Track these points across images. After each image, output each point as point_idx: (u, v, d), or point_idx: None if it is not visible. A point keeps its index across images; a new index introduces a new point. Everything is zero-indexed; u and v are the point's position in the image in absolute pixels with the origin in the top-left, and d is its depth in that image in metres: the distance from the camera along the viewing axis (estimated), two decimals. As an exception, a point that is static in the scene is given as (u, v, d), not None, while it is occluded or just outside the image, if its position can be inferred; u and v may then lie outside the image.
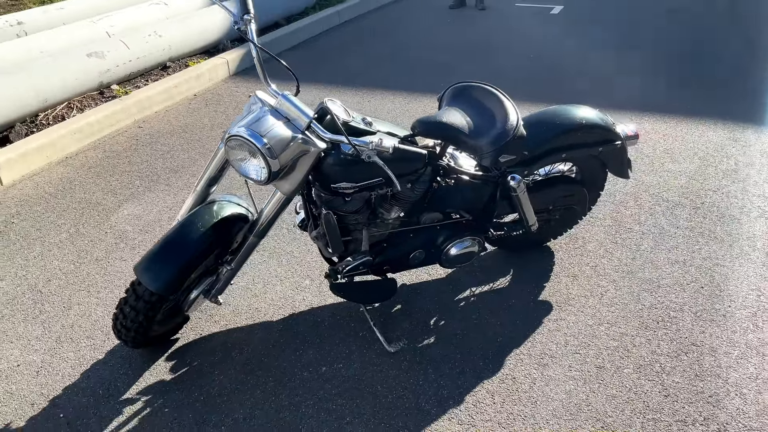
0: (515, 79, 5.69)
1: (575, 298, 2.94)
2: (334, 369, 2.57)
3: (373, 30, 7.41)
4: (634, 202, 3.69)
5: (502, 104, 2.64)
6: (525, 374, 2.54)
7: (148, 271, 2.30)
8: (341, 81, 5.73)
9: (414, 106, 5.16)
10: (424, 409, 2.39)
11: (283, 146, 2.22)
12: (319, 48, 6.79)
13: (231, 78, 5.94)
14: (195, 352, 2.67)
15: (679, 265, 3.14)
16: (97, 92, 5.17)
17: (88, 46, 5.13)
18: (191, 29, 6.01)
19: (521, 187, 2.72)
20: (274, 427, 2.32)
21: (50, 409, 2.41)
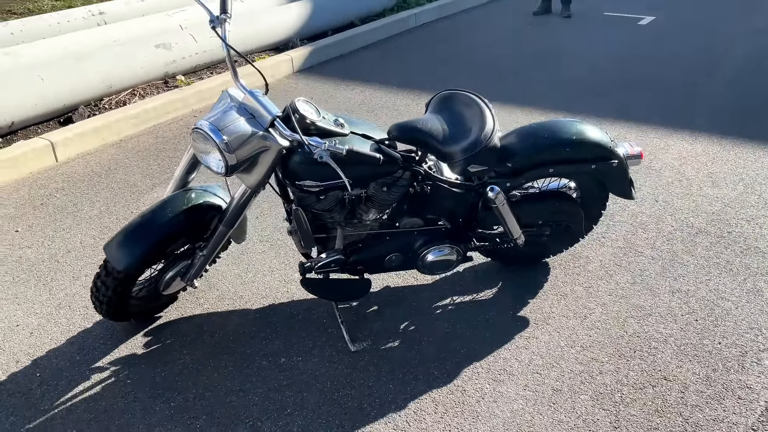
0: (576, 89, 5.54)
1: (556, 317, 2.87)
2: (293, 361, 2.65)
3: (447, 34, 7.41)
4: (655, 225, 3.52)
5: (481, 114, 2.63)
6: (477, 388, 2.51)
7: (116, 250, 2.46)
8: (397, 83, 5.79)
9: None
10: (364, 410, 2.41)
11: (241, 141, 2.32)
12: (386, 49, 6.88)
13: (293, 75, 6.13)
14: (171, 331, 2.82)
15: (679, 294, 2.99)
16: (162, 81, 5.50)
17: (158, 38, 5.46)
18: (260, 26, 6.25)
19: (500, 199, 2.68)
20: (219, 410, 2.42)
21: (30, 367, 2.63)
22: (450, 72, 6.11)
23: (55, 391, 2.51)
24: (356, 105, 5.31)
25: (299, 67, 6.26)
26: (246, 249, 3.36)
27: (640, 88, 5.54)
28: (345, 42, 6.85)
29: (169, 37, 5.52)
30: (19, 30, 5.30)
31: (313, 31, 6.89)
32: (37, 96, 4.56)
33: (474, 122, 2.62)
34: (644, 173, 4.07)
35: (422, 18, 7.98)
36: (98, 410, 2.42)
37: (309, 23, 6.78)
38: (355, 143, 2.50)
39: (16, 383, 2.55)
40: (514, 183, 2.75)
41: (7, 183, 4.13)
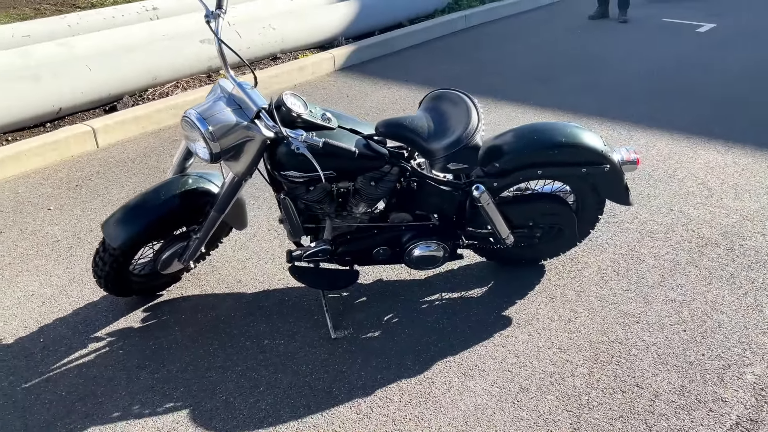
0: (615, 96, 5.47)
1: (539, 319, 2.88)
2: (275, 344, 2.76)
3: (495, 37, 7.40)
4: (663, 234, 3.47)
5: (467, 114, 2.67)
6: (445, 380, 2.56)
7: (111, 228, 2.65)
8: (434, 83, 5.84)
9: (495, 114, 5.15)
10: (332, 393, 2.50)
11: (225, 131, 2.45)
12: (431, 50, 6.93)
13: (335, 73, 6.27)
14: (169, 308, 2.98)
15: (673, 304, 2.95)
16: (206, 75, 5.74)
17: (204, 33, 5.70)
18: (306, 24, 6.43)
19: (484, 198, 2.72)
20: (197, 383, 2.56)
21: (36, 333, 2.84)
22: (489, 74, 6.12)
23: (53, 356, 2.71)
24: (388, 104, 5.40)
25: (341, 65, 6.39)
26: (253, 236, 3.50)
27: (683, 97, 5.42)
28: (389, 42, 6.94)
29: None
30: (76, 23, 5.64)
31: (360, 31, 7.02)
32: (83, 85, 4.86)
33: (458, 121, 2.66)
34: (665, 181, 4.00)
35: (472, 20, 7.99)
36: (88, 376, 2.60)
37: (356, 23, 6.92)
38: (340, 137, 2.60)
39: (21, 347, 2.76)
40: (502, 183, 2.78)
41: (49, 165, 4.42)
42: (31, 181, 4.21)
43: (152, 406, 2.45)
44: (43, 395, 2.51)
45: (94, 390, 2.53)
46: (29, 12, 6.63)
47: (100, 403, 2.47)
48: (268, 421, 2.38)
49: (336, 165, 2.57)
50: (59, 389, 2.54)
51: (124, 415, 2.41)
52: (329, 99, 5.53)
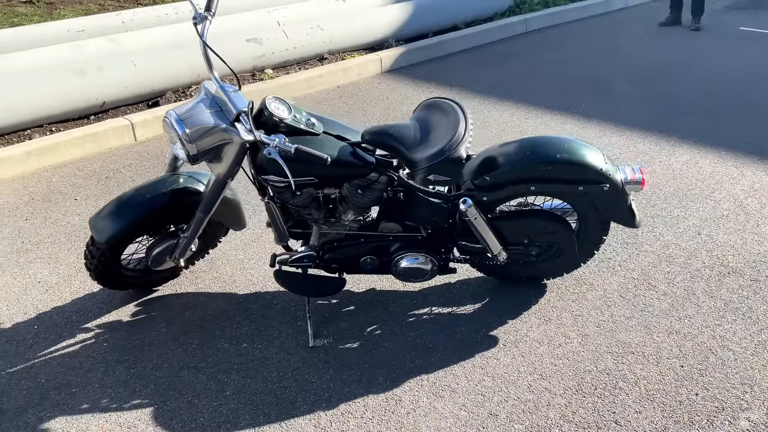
0: (670, 107, 5.21)
1: (527, 341, 2.75)
2: (252, 348, 2.76)
3: (556, 42, 7.18)
4: (684, 259, 3.25)
5: (454, 125, 2.59)
6: (413, 399, 2.48)
7: (98, 224, 2.71)
8: (479, 89, 5.73)
9: (532, 122, 5.00)
10: (295, 404, 2.47)
11: (201, 133, 2.46)
12: (484, 54, 6.79)
13: (381, 75, 6.24)
14: (160, 304, 3.03)
15: (676, 337, 2.76)
16: (250, 74, 5.82)
17: (251, 32, 5.79)
18: (356, 26, 6.42)
19: (471, 212, 2.62)
20: (168, 382, 2.58)
21: (33, 320, 2.94)
22: (537, 80, 5.94)
23: (42, 344, 2.80)
24: (425, 108, 5.30)
25: (388, 67, 6.35)
26: (258, 237, 3.52)
27: (742, 113, 5.08)
28: (441, 45, 6.84)
29: (261, 32, 5.83)
30: (130, 19, 5.84)
31: (412, 33, 6.95)
32: (128, 79, 5.02)
33: (444, 132, 2.58)
34: (699, 202, 3.76)
35: (533, 24, 7.78)
36: (69, 366, 2.67)
37: (408, 24, 6.85)
38: (324, 144, 2.56)
39: (15, 331, 2.87)
40: (492, 197, 2.67)
41: (86, 156, 4.59)
42: (66, 171, 4.38)
43: (120, 401, 2.49)
44: (23, 381, 2.59)
45: (70, 380, 2.59)
46: (93, 8, 6.92)
47: (73, 394, 2.53)
48: (226, 426, 2.37)
49: (317, 171, 2.53)
50: (39, 376, 2.61)
51: (91, 407, 2.46)
52: (369, 101, 5.50)
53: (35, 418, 2.42)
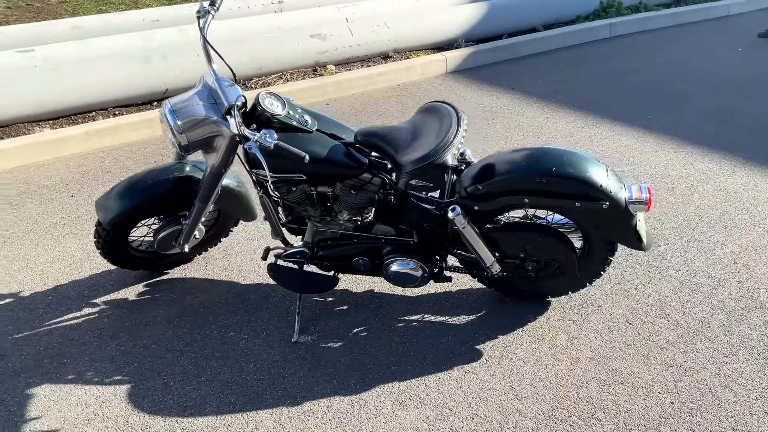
0: (734, 127, 4.86)
1: (512, 359, 2.65)
2: (238, 337, 2.81)
3: (637, 49, 6.85)
4: (709, 289, 3.03)
5: (446, 130, 2.53)
6: (378, 405, 2.45)
7: (101, 206, 2.84)
8: (542, 95, 5.56)
9: (587, 132, 4.81)
10: (262, 397, 2.50)
11: (192, 124, 2.53)
12: (559, 59, 6.58)
13: (444, 75, 6.17)
14: (166, 287, 3.14)
15: (675, 370, 2.58)
16: (312, 69, 5.91)
17: (317, 28, 5.88)
18: (424, 25, 6.38)
19: (459, 220, 2.56)
20: (151, 362, 2.68)
21: (50, 291, 3.13)
22: (609, 88, 5.69)
23: (52, 314, 2.97)
24: (481, 111, 5.22)
25: (453, 68, 6.27)
26: (274, 229, 3.57)
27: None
28: (514, 47, 6.68)
29: (326, 28, 5.90)
30: (204, 11, 6.07)
31: (486, 34, 6.83)
32: (191, 69, 5.23)
33: (434, 137, 2.52)
34: (745, 229, 3.48)
35: (618, 29, 7.46)
36: (68, 337, 2.82)
37: (481, 25, 6.74)
38: (316, 142, 2.57)
39: (31, 300, 3.06)
40: (484, 207, 2.59)
41: (141, 140, 4.82)
42: (119, 153, 4.61)
43: (103, 375, 2.60)
44: (24, 347, 2.76)
45: (65, 351, 2.74)
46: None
47: (64, 364, 2.67)
48: (191, 411, 2.43)
49: (305, 169, 2.54)
50: (40, 344, 2.78)
51: (76, 379, 2.59)
52: (425, 100, 5.43)
53: (24, 383, 2.57)
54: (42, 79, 4.75)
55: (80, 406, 2.46)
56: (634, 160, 4.32)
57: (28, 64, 4.77)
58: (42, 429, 2.36)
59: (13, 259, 3.36)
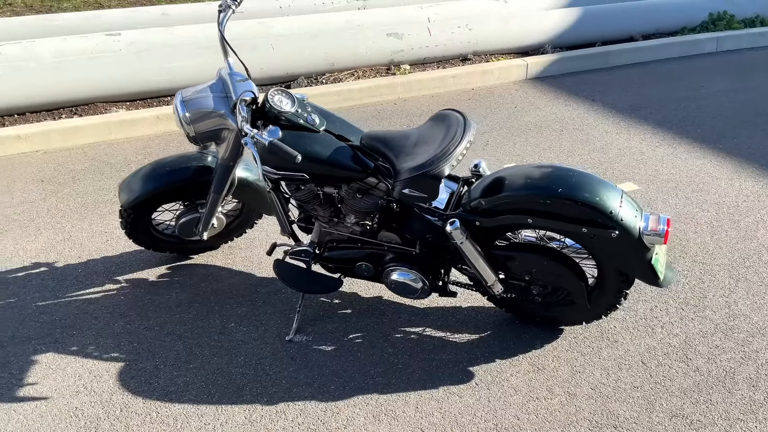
0: None
1: (504, 387, 2.52)
2: (237, 329, 2.84)
3: (743, 66, 6.36)
4: (746, 336, 2.76)
5: (448, 141, 2.44)
6: (351, 416, 2.40)
7: (122, 189, 2.96)
8: (622, 109, 5.28)
9: (660, 152, 4.52)
10: (241, 393, 2.51)
11: (200, 116, 2.57)
12: (652, 72, 6.21)
13: (523, 82, 5.98)
14: (187, 272, 3.23)
15: (679, 422, 2.36)
16: (386, 68, 5.89)
17: (394, 26, 5.86)
18: (509, 28, 6.20)
19: (458, 234, 2.46)
20: (149, 344, 2.76)
21: (81, 264, 3.29)
22: (698, 107, 5.31)
23: (77, 287, 3.12)
24: (551, 121, 5.01)
25: (534, 74, 6.06)
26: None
27: None
28: (606, 56, 6.37)
29: (404, 27, 5.86)
30: (288, 5, 6.19)
31: (576, 41, 6.56)
32: (263, 61, 5.35)
33: (435, 147, 2.43)
34: (808, 274, 3.13)
35: (726, 44, 6.93)
36: (83, 310, 2.96)
37: (572, 31, 6.48)
38: (322, 142, 2.54)
39: (63, 271, 3.24)
40: (486, 223, 2.48)
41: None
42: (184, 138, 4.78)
43: (103, 350, 2.71)
44: (43, 315, 2.92)
45: (76, 323, 2.87)
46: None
47: (72, 336, 2.80)
48: (171, 396, 2.48)
49: (309, 168, 2.52)
50: (57, 314, 2.93)
51: (78, 351, 2.71)
52: (495, 107, 5.30)
53: (32, 349, 2.71)
54: (124, 62, 5.01)
55: (73, 378, 2.56)
56: (703, 187, 3.99)
57: (114, 47, 5.04)
58: (33, 395, 2.47)
59: (60, 230, 3.56)
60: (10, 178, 4.16)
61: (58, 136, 4.60)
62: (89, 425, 2.35)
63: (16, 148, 4.51)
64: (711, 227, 3.54)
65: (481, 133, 4.79)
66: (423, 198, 2.40)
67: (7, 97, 4.68)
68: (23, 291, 3.05)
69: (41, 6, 6.84)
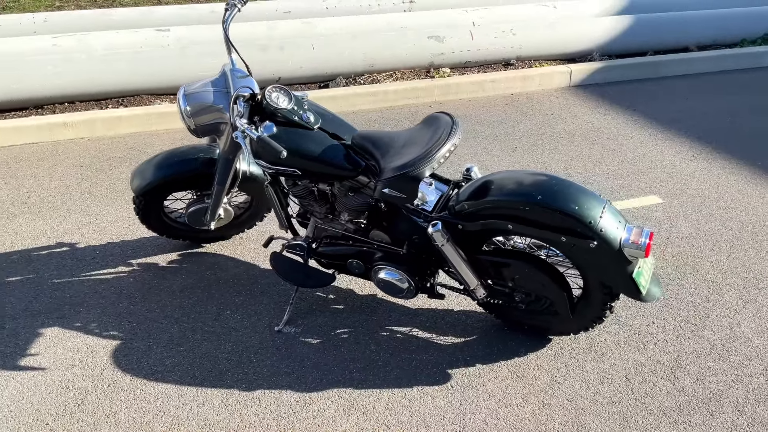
0: None
1: (478, 390, 2.53)
2: (231, 317, 2.94)
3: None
4: (742, 359, 2.67)
5: (431, 143, 2.46)
6: (321, 408, 2.46)
7: (134, 174, 3.10)
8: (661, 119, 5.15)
9: (691, 167, 4.40)
10: (223, 377, 2.60)
11: (199, 109, 2.69)
12: (704, 83, 6.02)
13: (565, 89, 5.90)
14: (195, 259, 3.36)
15: (652, 439, 2.31)
16: (425, 71, 5.92)
17: (437, 29, 5.88)
18: (555, 34, 6.12)
19: (438, 236, 2.48)
20: (147, 325, 2.88)
21: (101, 246, 3.47)
22: (742, 123, 5.12)
23: (93, 267, 3.29)
24: (586, 130, 4.94)
25: (578, 82, 5.97)
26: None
27: None
28: (655, 66, 6.21)
29: (446, 30, 5.87)
30: (334, 6, 6.30)
31: (626, 49, 6.42)
32: (304, 60, 5.48)
33: (418, 149, 2.46)
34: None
35: (791, 57, 6.62)
36: (93, 289, 3.12)
37: (622, 39, 6.34)
38: (314, 140, 2.61)
39: (83, 251, 3.42)
40: (468, 227, 2.49)
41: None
42: (219, 131, 4.95)
43: (104, 329, 2.86)
44: (56, 291, 3.10)
45: (85, 301, 3.04)
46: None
47: (78, 313, 2.96)
48: (156, 376, 2.60)
49: (300, 164, 2.59)
50: (69, 291, 3.10)
51: (80, 327, 2.86)
52: (530, 114, 5.26)
53: (40, 322, 2.89)
54: (170, 57, 5.22)
55: (71, 352, 2.71)
56: (731, 204, 3.86)
57: (162, 42, 5.26)
58: (32, 365, 2.64)
59: (87, 213, 3.76)
60: (53, 162, 4.41)
61: (101, 125, 4.84)
62: (77, 397, 2.49)
63: (63, 134, 4.77)
64: (730, 246, 3.42)
65: (510, 139, 4.76)
66: (402, 198, 2.43)
67: (59, 87, 4.95)
68: (43, 268, 3.24)
69: (104, 1, 7.19)
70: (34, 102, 4.97)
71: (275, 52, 5.41)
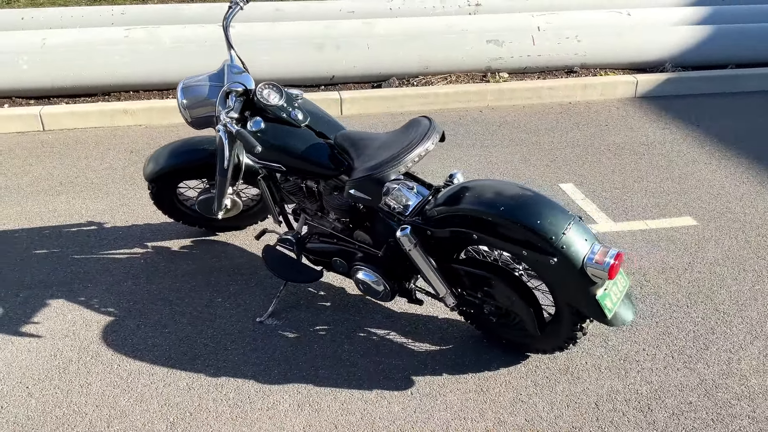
0: None
1: (437, 400, 2.50)
2: (221, 304, 3.04)
3: None
4: (730, 398, 2.50)
5: (403, 147, 2.46)
6: (278, 400, 2.50)
7: (148, 161, 3.27)
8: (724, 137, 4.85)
9: (740, 189, 4.14)
10: (195, 362, 2.69)
11: (195, 102, 2.80)
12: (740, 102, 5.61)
13: (628, 100, 5.66)
14: (204, 246, 3.50)
15: (602, 471, 2.21)
16: (481, 75, 5.85)
17: (497, 33, 5.79)
18: (625, 42, 5.88)
19: (406, 241, 2.47)
20: (142, 305, 3.03)
21: (121, 228, 3.68)
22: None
23: (112, 246, 3.49)
24: (638, 144, 4.73)
25: (644, 93, 5.70)
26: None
27: None
28: (734, 79, 5.83)
29: (506, 34, 5.77)
30: (398, 7, 6.32)
31: (704, 60, 6.06)
32: (358, 60, 5.54)
33: (391, 151, 2.45)
34: None
35: None
36: (104, 267, 3.31)
37: (700, 50, 5.99)
38: (300, 137, 2.67)
39: (106, 233, 3.63)
40: (436, 233, 2.47)
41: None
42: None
43: (103, 305, 3.03)
44: (72, 267, 3.32)
45: (93, 278, 3.23)
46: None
47: (86, 288, 3.16)
48: (135, 354, 2.73)
49: (285, 161, 2.65)
50: (83, 267, 3.31)
51: (83, 302, 3.05)
52: (580, 123, 5.09)
53: (49, 294, 3.10)
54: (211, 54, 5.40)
55: (68, 323, 2.90)
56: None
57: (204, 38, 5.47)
58: (31, 332, 2.84)
59: (124, 196, 3.99)
60: (107, 146, 4.69)
61: (158, 114, 5.10)
62: (61, 365, 2.66)
63: (123, 120, 5.07)
64: (757, 276, 3.18)
65: (553, 149, 4.62)
66: (367, 200, 2.43)
67: (126, 75, 5.25)
68: (67, 243, 3.47)
69: (182, -4, 7.56)
70: (101, 89, 5.30)
71: (331, 51, 5.50)
